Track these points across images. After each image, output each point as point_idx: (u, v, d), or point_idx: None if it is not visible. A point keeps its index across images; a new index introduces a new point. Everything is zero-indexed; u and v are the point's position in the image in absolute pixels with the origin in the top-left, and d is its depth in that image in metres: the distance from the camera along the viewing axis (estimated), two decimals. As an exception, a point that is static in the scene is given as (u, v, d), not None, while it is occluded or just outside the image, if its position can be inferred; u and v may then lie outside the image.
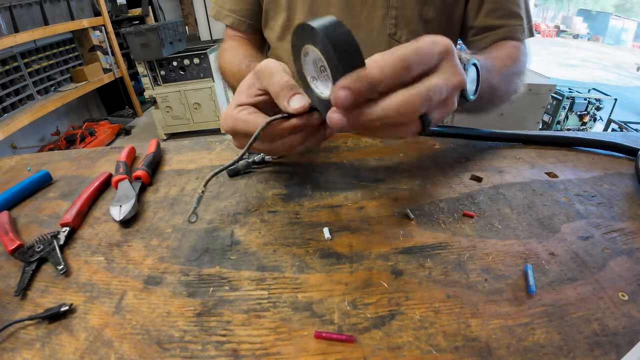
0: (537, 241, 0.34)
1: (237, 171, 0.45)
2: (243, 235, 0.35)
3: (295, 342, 0.25)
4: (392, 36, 0.53)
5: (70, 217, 0.37)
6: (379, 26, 0.52)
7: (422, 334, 0.26)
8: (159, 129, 2.83)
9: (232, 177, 0.45)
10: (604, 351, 0.24)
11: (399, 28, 0.53)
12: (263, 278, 0.31)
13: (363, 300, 0.28)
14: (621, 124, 2.63)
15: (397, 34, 0.53)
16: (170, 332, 0.26)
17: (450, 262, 0.31)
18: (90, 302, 0.29)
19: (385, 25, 0.52)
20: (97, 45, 2.99)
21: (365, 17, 0.52)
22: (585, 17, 14.51)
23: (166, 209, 0.40)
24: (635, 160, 0.46)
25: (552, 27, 13.66)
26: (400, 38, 0.54)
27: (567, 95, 2.65)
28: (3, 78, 2.19)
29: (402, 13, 0.52)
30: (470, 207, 0.38)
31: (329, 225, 0.36)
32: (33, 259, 0.33)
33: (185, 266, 0.32)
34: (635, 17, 13.28)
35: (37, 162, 0.52)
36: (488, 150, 0.50)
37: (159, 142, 0.51)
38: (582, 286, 0.29)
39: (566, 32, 13.75)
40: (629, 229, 0.35)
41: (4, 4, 2.13)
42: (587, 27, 13.92)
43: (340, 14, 0.52)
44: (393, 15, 0.52)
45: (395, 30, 0.53)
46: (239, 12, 0.62)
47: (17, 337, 0.26)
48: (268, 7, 0.60)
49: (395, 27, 0.53)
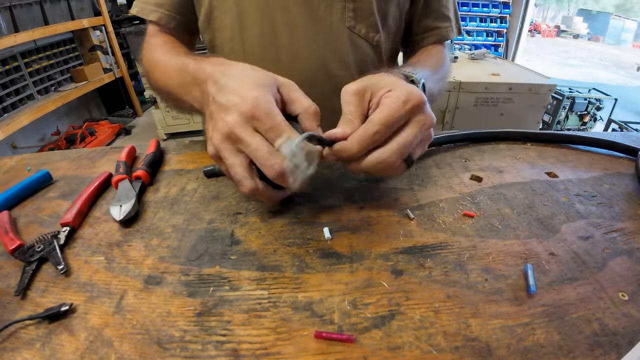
0: (537, 241, 0.34)
1: (215, 173, 0.43)
2: (243, 235, 0.35)
3: (295, 342, 0.25)
4: (352, 29, 0.54)
5: (71, 217, 0.37)
6: (338, 20, 0.53)
7: (422, 334, 0.26)
8: (159, 128, 2.83)
9: (210, 177, 0.43)
10: (604, 351, 0.24)
11: (358, 21, 0.53)
12: (263, 278, 0.31)
13: (363, 300, 0.28)
14: (621, 124, 2.63)
15: (356, 27, 0.54)
16: (171, 332, 0.26)
17: (450, 262, 0.31)
18: (91, 302, 0.29)
19: (344, 18, 0.53)
20: (97, 45, 2.99)
21: (323, 10, 0.52)
22: (585, 17, 14.50)
23: (166, 208, 0.40)
24: (635, 160, 0.46)
25: (552, 27, 13.66)
26: (360, 31, 0.54)
27: (567, 95, 2.64)
28: (3, 78, 2.19)
29: (360, 7, 0.52)
30: (470, 207, 0.38)
31: (329, 225, 0.36)
32: (33, 258, 0.33)
33: (185, 266, 0.32)
34: (636, 17, 13.27)
35: (37, 162, 0.52)
36: (488, 150, 0.50)
37: (159, 142, 0.51)
38: (582, 286, 0.29)
39: (566, 32, 13.74)
40: (629, 229, 0.35)
41: (4, 4, 2.13)
42: (587, 27, 13.91)
43: (298, 8, 0.51)
44: (350, 8, 0.52)
45: (354, 23, 0.53)
46: (167, 7, 0.55)
47: (17, 337, 0.26)
48: (213, 3, 0.54)
49: (354, 20, 0.53)
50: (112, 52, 3.05)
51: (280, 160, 0.30)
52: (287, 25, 0.52)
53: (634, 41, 12.56)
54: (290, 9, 0.51)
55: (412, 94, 0.33)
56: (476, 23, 4.65)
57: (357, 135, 0.33)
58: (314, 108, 0.34)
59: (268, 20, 0.52)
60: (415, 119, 0.33)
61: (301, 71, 0.54)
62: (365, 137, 0.32)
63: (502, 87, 1.85)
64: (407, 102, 0.32)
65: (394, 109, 0.32)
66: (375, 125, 0.32)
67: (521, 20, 4.58)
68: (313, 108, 0.34)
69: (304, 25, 0.52)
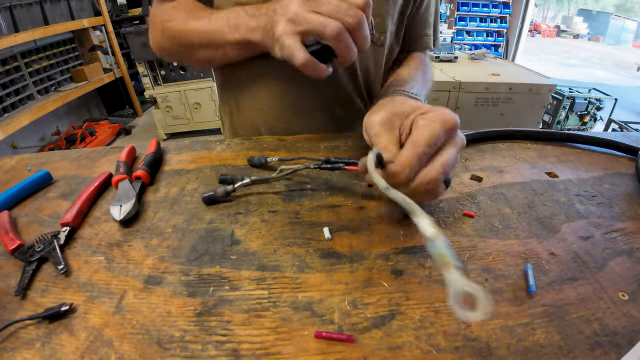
0: (537, 241, 0.34)
1: (215, 199, 0.40)
2: (243, 235, 0.35)
3: (295, 341, 0.25)
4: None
5: (71, 217, 0.37)
6: None
7: (422, 334, 0.26)
8: (159, 128, 2.83)
9: (210, 204, 0.40)
10: (604, 351, 0.24)
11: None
12: (263, 278, 0.31)
13: (363, 300, 0.28)
14: (621, 124, 2.63)
15: None
16: (171, 332, 0.26)
17: (450, 262, 0.31)
18: (91, 301, 0.29)
19: None
20: (98, 45, 2.99)
21: None
22: (585, 17, 14.50)
23: (166, 208, 0.40)
24: (635, 160, 0.46)
25: (552, 27, 13.66)
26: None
27: (567, 95, 2.64)
28: (3, 78, 2.20)
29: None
30: (471, 207, 0.38)
31: (329, 225, 0.36)
32: (33, 258, 0.33)
33: (185, 266, 0.32)
34: (636, 17, 13.27)
35: (38, 162, 0.52)
36: (488, 150, 0.50)
37: (159, 142, 0.51)
38: (582, 286, 0.29)
39: (566, 32, 13.75)
40: (629, 229, 0.35)
41: (4, 4, 2.13)
42: (587, 27, 13.92)
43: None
44: None
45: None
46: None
47: (17, 336, 0.26)
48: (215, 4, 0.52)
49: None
50: (112, 52, 3.06)
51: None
52: None
53: (634, 41, 12.56)
54: None
55: (448, 115, 0.33)
56: (476, 23, 4.66)
57: (404, 157, 0.32)
58: None
59: None
60: (453, 140, 0.33)
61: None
62: (415, 157, 0.32)
63: (502, 87, 1.85)
64: (445, 123, 0.32)
65: (436, 130, 0.32)
66: (421, 146, 0.32)
67: (521, 20, 4.58)
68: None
69: None
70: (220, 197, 0.40)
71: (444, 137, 0.33)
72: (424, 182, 0.32)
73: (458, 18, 4.58)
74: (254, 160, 0.47)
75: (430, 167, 0.32)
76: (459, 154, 0.34)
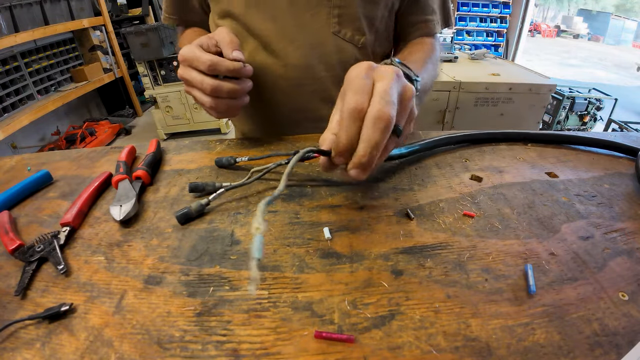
0: (537, 241, 0.34)
1: (190, 216, 0.38)
2: (243, 235, 0.35)
3: (295, 342, 0.25)
4: (337, 34, 0.55)
5: (71, 217, 0.37)
6: (323, 26, 0.54)
7: (422, 334, 0.26)
8: (159, 128, 2.83)
9: (184, 224, 0.38)
10: (604, 351, 0.24)
11: (343, 26, 0.54)
12: (263, 278, 0.31)
13: (363, 300, 0.28)
14: (621, 124, 2.62)
15: (341, 32, 0.55)
16: (171, 332, 0.26)
17: (450, 262, 0.31)
18: (91, 301, 0.29)
19: (329, 24, 0.54)
20: (98, 45, 2.99)
21: (309, 18, 0.53)
22: (585, 17, 14.49)
23: (166, 208, 0.40)
24: (635, 160, 0.46)
25: (552, 27, 13.66)
26: (345, 35, 0.55)
27: (567, 95, 2.64)
28: (3, 78, 2.20)
29: (345, 12, 0.53)
30: (471, 207, 0.38)
31: (329, 225, 0.36)
32: (33, 258, 0.33)
33: (185, 266, 0.32)
34: (636, 17, 13.27)
35: (38, 162, 0.52)
36: (488, 150, 0.50)
37: (159, 142, 0.51)
38: (582, 286, 0.29)
39: (566, 32, 13.75)
40: (629, 229, 0.35)
41: (4, 4, 2.13)
42: (587, 27, 13.91)
43: (285, 15, 0.53)
44: (335, 14, 0.53)
45: (339, 28, 0.54)
46: (170, 12, 0.64)
47: (17, 336, 0.26)
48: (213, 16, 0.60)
49: (339, 26, 0.54)
50: (112, 52, 3.06)
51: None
52: (276, 33, 0.54)
53: (634, 41, 12.56)
54: (279, 18, 0.53)
55: (360, 66, 0.33)
56: (476, 23, 4.66)
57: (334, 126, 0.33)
58: (229, 38, 0.44)
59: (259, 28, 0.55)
60: (377, 76, 0.32)
61: (290, 74, 0.56)
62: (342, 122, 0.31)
63: (502, 87, 1.85)
64: (357, 68, 0.32)
65: (351, 84, 0.32)
66: (344, 111, 0.31)
67: (521, 20, 4.58)
68: (228, 38, 0.44)
69: (291, 33, 0.54)
70: (195, 213, 0.38)
71: (365, 81, 0.31)
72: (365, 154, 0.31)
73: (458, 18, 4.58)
74: (222, 162, 0.46)
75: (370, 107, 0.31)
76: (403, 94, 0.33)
